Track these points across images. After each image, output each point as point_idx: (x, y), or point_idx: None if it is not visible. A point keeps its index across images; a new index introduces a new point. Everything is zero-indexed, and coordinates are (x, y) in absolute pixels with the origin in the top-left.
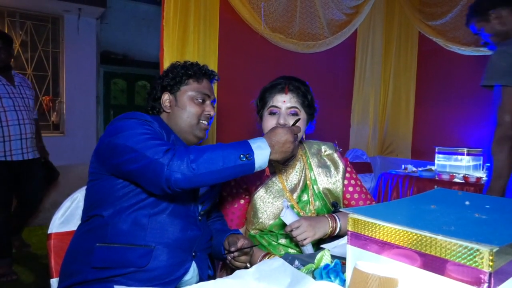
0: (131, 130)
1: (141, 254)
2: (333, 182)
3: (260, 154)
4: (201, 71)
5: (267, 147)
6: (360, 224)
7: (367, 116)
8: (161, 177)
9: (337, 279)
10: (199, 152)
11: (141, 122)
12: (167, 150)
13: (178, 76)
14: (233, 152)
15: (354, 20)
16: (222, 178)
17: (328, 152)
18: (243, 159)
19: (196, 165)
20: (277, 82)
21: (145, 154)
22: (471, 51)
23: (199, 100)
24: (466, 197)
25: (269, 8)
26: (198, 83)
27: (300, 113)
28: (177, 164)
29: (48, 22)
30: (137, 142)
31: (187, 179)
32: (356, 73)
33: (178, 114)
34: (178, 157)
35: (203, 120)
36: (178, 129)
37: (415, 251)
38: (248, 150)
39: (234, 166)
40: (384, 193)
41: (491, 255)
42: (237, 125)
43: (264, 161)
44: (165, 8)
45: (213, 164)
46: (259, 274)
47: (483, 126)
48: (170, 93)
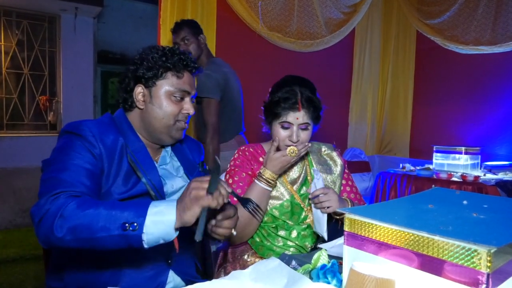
0: (51, 157)
1: (111, 274)
2: (332, 180)
3: (157, 223)
4: (183, 63)
5: (171, 213)
6: (356, 224)
7: (365, 115)
8: (35, 230)
9: (334, 279)
10: (76, 208)
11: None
12: (51, 196)
13: (155, 67)
14: (118, 218)
15: (352, 19)
16: (98, 247)
17: (327, 152)
18: (124, 229)
19: (66, 227)
20: (289, 95)
21: (38, 198)
22: (469, 49)
23: (178, 98)
24: (464, 196)
25: (267, 7)
26: (178, 78)
27: (309, 126)
28: (47, 221)
29: (44, 21)
30: (44, 178)
31: (51, 241)
32: (354, 72)
33: (152, 113)
34: (53, 211)
35: (181, 119)
36: (152, 129)
37: (412, 251)
38: (138, 216)
39: (111, 237)
40: (382, 192)
41: (489, 256)
42: None
43: (166, 231)
44: (162, 7)
45: (85, 230)
46: (256, 275)
47: (481, 125)
48: (144, 86)
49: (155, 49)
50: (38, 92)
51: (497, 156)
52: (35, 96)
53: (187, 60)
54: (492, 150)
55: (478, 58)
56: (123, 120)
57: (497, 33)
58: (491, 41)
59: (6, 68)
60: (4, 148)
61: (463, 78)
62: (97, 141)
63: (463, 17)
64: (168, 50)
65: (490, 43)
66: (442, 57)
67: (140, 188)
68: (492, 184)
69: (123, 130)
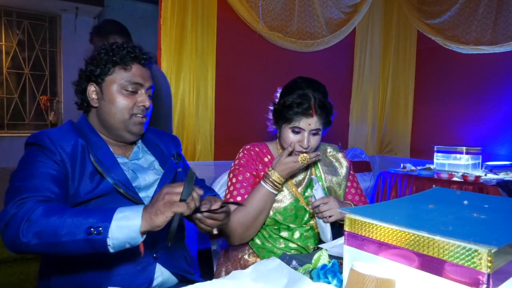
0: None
1: (97, 275)
2: (338, 182)
3: (122, 228)
4: (130, 55)
5: (137, 217)
6: (357, 224)
7: (365, 115)
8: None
9: (334, 280)
10: (43, 214)
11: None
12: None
13: (102, 63)
14: (83, 223)
15: (352, 18)
16: (64, 253)
17: (333, 153)
18: (89, 233)
19: (32, 232)
20: (302, 100)
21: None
22: (470, 49)
23: (130, 91)
24: (464, 196)
25: (267, 7)
26: (125, 71)
27: (320, 131)
28: (13, 226)
29: (45, 21)
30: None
31: (17, 247)
32: (355, 72)
33: (106, 110)
34: (19, 216)
35: (137, 113)
36: (109, 126)
37: (412, 251)
38: (103, 221)
39: (75, 241)
40: (383, 192)
41: (489, 256)
42: (235, 123)
43: (131, 236)
44: (162, 7)
45: (50, 235)
46: (256, 275)
47: (482, 125)
48: (95, 84)
49: (104, 46)
50: (38, 92)
51: (498, 156)
52: (36, 96)
53: (135, 52)
54: (493, 150)
55: (479, 58)
56: (84, 123)
57: (498, 33)
58: (492, 41)
59: (7, 68)
60: (5, 147)
61: (464, 78)
62: (56, 147)
63: (463, 17)
64: (115, 46)
65: (491, 43)
66: (442, 57)
67: (106, 186)
68: (493, 184)
69: (84, 133)
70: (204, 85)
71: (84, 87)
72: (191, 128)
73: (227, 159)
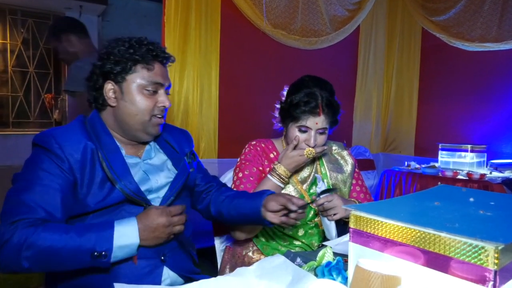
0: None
1: (104, 276)
2: (343, 179)
3: (123, 248)
4: (152, 53)
5: (135, 236)
6: (362, 221)
7: (369, 112)
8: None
9: (339, 277)
10: (41, 239)
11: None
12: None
13: (123, 61)
14: (85, 247)
15: (356, 16)
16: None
17: (338, 150)
18: (94, 258)
19: (30, 260)
20: (309, 99)
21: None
22: (475, 47)
23: (151, 91)
24: (470, 193)
25: (271, 4)
26: (148, 70)
27: (327, 130)
28: (8, 251)
29: (49, 20)
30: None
31: (12, 270)
32: (359, 70)
33: (126, 110)
34: (15, 240)
35: (156, 114)
36: (127, 127)
37: (418, 248)
38: (106, 243)
39: (80, 265)
40: (387, 190)
41: (496, 253)
42: (239, 121)
43: (128, 253)
44: (166, 5)
45: (51, 261)
46: (261, 272)
47: (487, 123)
48: (114, 82)
49: (121, 41)
50: (43, 90)
51: (503, 154)
52: (41, 94)
53: (156, 50)
54: (498, 148)
55: (484, 56)
56: (97, 121)
57: (503, 30)
58: (497, 38)
59: (11, 67)
60: (10, 145)
61: (469, 75)
62: (64, 153)
63: (469, 14)
64: (135, 41)
65: (496, 40)
66: (447, 55)
67: (117, 195)
68: (498, 182)
69: (96, 132)
70: (208, 83)
71: (100, 84)
72: (194, 126)
73: (231, 157)
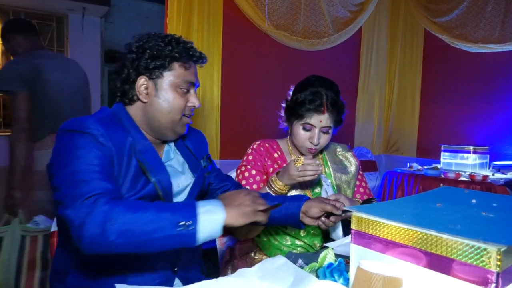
0: (63, 159)
1: (116, 281)
2: (347, 180)
3: (208, 221)
4: (188, 52)
5: (220, 211)
6: (364, 223)
7: (372, 114)
8: (73, 235)
9: (341, 278)
10: (126, 212)
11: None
12: (87, 199)
13: (161, 57)
14: (170, 218)
15: (359, 17)
16: (150, 249)
17: (342, 152)
18: (180, 228)
19: (116, 231)
20: (314, 97)
21: (64, 201)
22: (478, 48)
23: (184, 90)
24: (472, 195)
25: (273, 6)
26: (185, 69)
27: (330, 129)
28: (91, 225)
29: (52, 21)
30: (63, 182)
31: (100, 247)
32: (361, 71)
33: (158, 107)
34: (97, 214)
35: (187, 113)
36: (157, 124)
37: (420, 250)
38: (190, 215)
39: (166, 237)
40: (389, 191)
41: (498, 255)
42: (241, 122)
43: (214, 229)
44: (168, 6)
45: (139, 233)
46: (262, 273)
47: (489, 124)
48: (148, 77)
49: (157, 37)
50: None
51: (506, 156)
52: None
53: (192, 49)
54: (501, 150)
55: (487, 57)
56: (124, 115)
57: (507, 31)
58: (500, 39)
59: None
60: None
61: (472, 76)
62: (107, 140)
63: (471, 15)
64: (172, 39)
65: (499, 42)
66: (450, 56)
67: (149, 189)
68: (501, 184)
69: (126, 127)
70: (210, 84)
71: (133, 78)
72: (196, 126)
73: (233, 158)
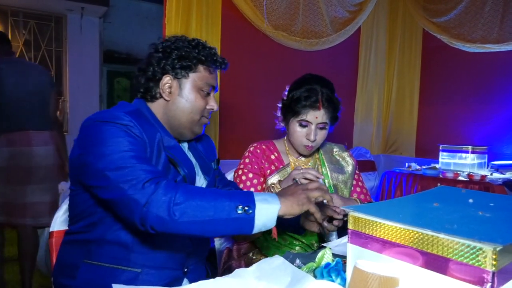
0: (104, 146)
1: (127, 278)
2: (344, 180)
3: (264, 209)
4: (213, 57)
5: (276, 201)
6: (361, 223)
7: (370, 114)
8: (135, 215)
9: (338, 278)
10: (188, 194)
11: (118, 131)
12: (147, 182)
13: (189, 58)
14: (229, 202)
15: (357, 17)
16: (209, 232)
17: (339, 152)
18: (239, 212)
19: (179, 210)
20: (310, 94)
21: (119, 185)
22: (476, 48)
23: (205, 93)
24: (469, 195)
25: (272, 6)
26: (209, 73)
27: (327, 126)
28: (157, 204)
29: (51, 21)
30: (110, 167)
31: (165, 225)
32: (360, 71)
33: (180, 106)
34: (161, 194)
35: (206, 115)
36: (177, 123)
37: (416, 249)
38: (249, 201)
39: (226, 220)
40: (387, 191)
41: (494, 254)
42: (240, 122)
43: (269, 218)
44: (167, 6)
45: (200, 214)
46: (260, 273)
47: (488, 124)
48: (173, 77)
49: (184, 40)
50: None
51: (504, 155)
52: None
53: (216, 55)
54: (499, 149)
55: (485, 57)
56: (148, 111)
57: (505, 31)
58: (499, 39)
59: None
60: None
61: (470, 76)
62: (141, 132)
63: (470, 15)
64: (199, 43)
65: (498, 42)
66: (448, 56)
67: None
68: (499, 184)
69: (153, 122)
70: None
71: (159, 76)
72: None
73: (232, 158)
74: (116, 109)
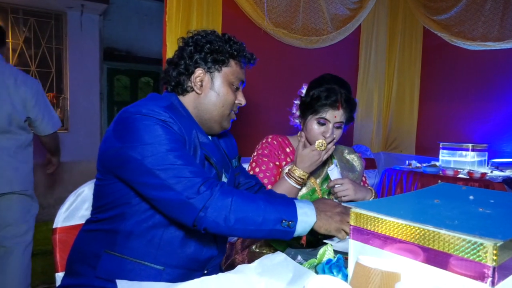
0: (151, 144)
1: (149, 275)
2: (354, 178)
3: (303, 222)
4: (243, 53)
5: (313, 215)
6: (362, 219)
7: (371, 111)
8: (190, 218)
9: (339, 274)
10: (243, 203)
11: (160, 127)
12: (201, 185)
13: (222, 53)
14: (276, 214)
15: (358, 15)
16: (251, 236)
17: (349, 154)
18: (284, 225)
19: (234, 218)
20: (329, 93)
21: (173, 187)
22: (476, 45)
23: (235, 87)
24: (470, 191)
25: (272, 3)
26: (240, 67)
27: (343, 125)
28: (215, 210)
29: (51, 19)
30: (161, 166)
31: (219, 228)
32: (360, 69)
33: (212, 100)
34: (218, 199)
35: (234, 110)
36: (208, 117)
37: (418, 245)
38: (292, 216)
39: (271, 230)
40: (388, 189)
41: (495, 249)
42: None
43: (304, 229)
44: (167, 3)
45: (251, 222)
46: (261, 269)
47: (488, 122)
48: (205, 70)
49: (216, 35)
50: (45, 89)
51: (504, 153)
52: None
53: (246, 50)
54: (499, 147)
55: (486, 55)
56: (180, 106)
57: (505, 29)
58: (499, 37)
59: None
60: None
61: (470, 74)
62: (180, 128)
63: (470, 13)
64: (229, 37)
65: (498, 39)
66: (449, 54)
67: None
68: (499, 181)
69: (187, 117)
70: None
71: (191, 70)
72: None
73: None
74: (152, 102)
